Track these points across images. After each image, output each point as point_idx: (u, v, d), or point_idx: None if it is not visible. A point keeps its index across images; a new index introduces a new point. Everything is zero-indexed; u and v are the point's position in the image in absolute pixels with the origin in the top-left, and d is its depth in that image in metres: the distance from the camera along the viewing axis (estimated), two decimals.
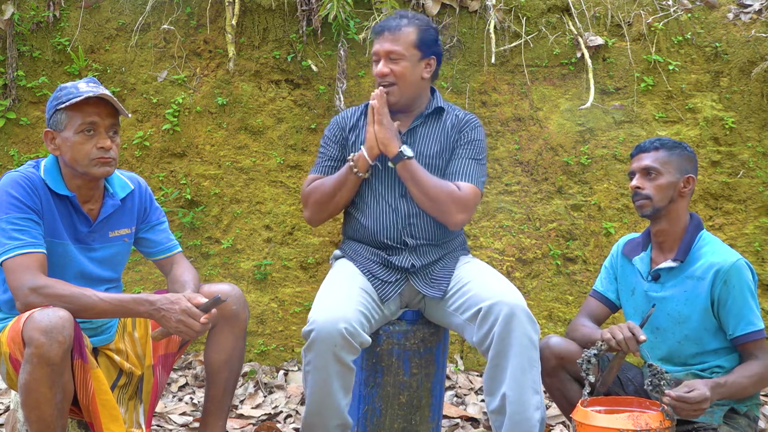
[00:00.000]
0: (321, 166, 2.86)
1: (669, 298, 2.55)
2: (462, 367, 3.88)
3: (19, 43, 4.01)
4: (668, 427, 2.23)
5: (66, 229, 2.41)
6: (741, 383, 2.43)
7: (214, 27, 3.98)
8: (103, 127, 2.36)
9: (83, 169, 2.37)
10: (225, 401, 2.61)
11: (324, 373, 2.48)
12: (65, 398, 2.22)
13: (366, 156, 2.69)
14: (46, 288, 2.24)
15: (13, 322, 2.24)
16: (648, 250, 2.64)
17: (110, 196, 2.51)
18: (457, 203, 2.69)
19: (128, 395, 2.54)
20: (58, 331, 2.12)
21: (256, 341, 3.93)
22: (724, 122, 3.86)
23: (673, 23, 3.92)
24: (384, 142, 2.66)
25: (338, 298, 2.59)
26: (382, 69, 2.71)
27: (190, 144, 3.98)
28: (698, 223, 2.60)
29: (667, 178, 2.54)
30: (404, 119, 2.81)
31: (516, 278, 3.89)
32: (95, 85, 2.38)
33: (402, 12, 2.82)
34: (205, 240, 3.97)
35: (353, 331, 2.47)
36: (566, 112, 3.93)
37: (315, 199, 2.79)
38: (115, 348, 2.55)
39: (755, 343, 2.47)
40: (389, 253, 2.75)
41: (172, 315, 2.30)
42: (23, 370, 2.15)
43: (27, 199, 2.32)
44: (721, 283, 2.46)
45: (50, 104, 2.39)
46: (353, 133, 2.85)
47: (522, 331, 2.49)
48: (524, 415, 2.50)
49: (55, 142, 2.38)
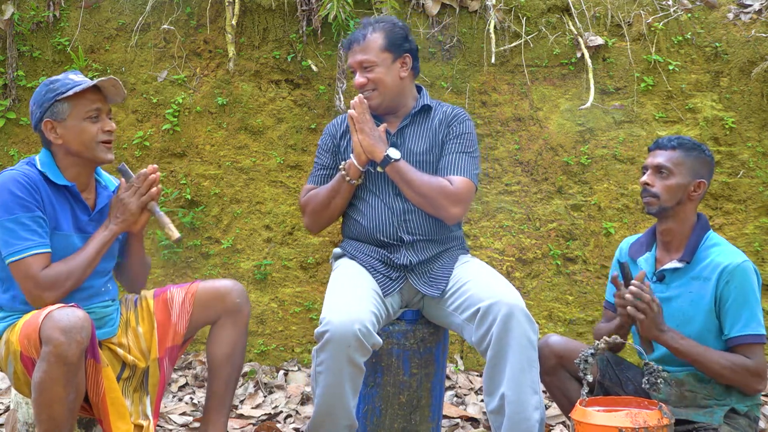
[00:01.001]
0: (315, 176, 2.93)
1: (674, 299, 2.53)
2: (462, 367, 3.88)
3: (19, 43, 4.01)
4: (666, 425, 2.23)
5: (68, 220, 2.46)
6: (709, 356, 2.40)
7: (214, 27, 3.98)
8: (104, 113, 2.48)
9: (90, 153, 2.45)
10: (227, 397, 2.63)
11: (337, 374, 2.48)
12: (77, 398, 2.24)
13: (355, 163, 2.74)
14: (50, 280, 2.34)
15: (28, 319, 2.26)
16: (653, 250, 2.62)
17: (103, 188, 2.59)
18: (450, 198, 2.70)
19: (133, 387, 2.57)
20: (77, 331, 2.16)
21: (256, 341, 3.93)
22: (724, 122, 3.85)
23: (673, 23, 3.92)
24: (369, 149, 2.71)
25: (350, 298, 2.59)
26: (359, 80, 2.79)
27: (190, 144, 3.98)
28: (705, 223, 2.56)
29: (678, 179, 2.51)
30: (393, 120, 2.85)
31: (516, 278, 3.89)
32: (82, 76, 2.50)
33: (366, 20, 2.87)
34: (205, 240, 3.97)
35: (367, 333, 2.48)
36: (566, 112, 3.93)
37: (312, 209, 2.85)
38: (118, 342, 2.57)
39: (750, 346, 2.42)
40: (388, 251, 2.76)
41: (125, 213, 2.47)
42: (38, 369, 2.17)
43: (30, 197, 2.37)
44: (724, 282, 2.44)
45: (45, 97, 2.45)
46: (344, 140, 2.89)
47: (520, 332, 2.49)
48: (523, 415, 2.50)
49: (57, 132, 2.44)
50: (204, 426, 2.64)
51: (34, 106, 2.47)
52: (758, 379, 2.42)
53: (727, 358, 2.42)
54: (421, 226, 2.77)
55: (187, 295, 2.63)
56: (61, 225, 2.43)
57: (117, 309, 2.60)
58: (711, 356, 2.42)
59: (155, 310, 2.63)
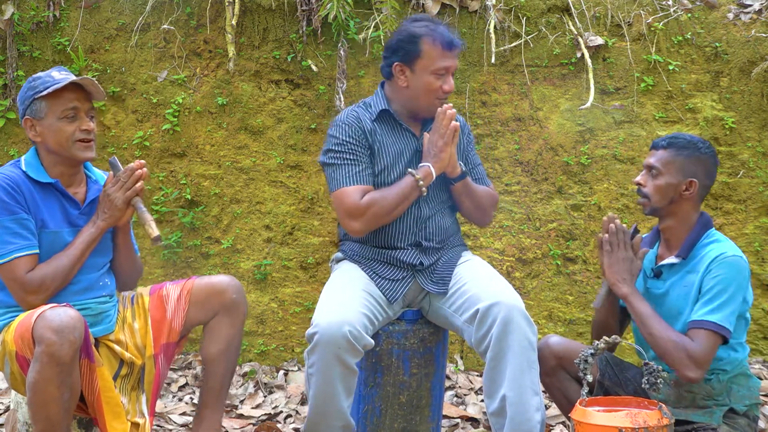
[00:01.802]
0: (359, 175, 2.68)
1: (668, 294, 2.53)
2: (462, 367, 3.88)
3: (19, 43, 4.01)
4: (666, 425, 2.23)
5: (57, 215, 2.47)
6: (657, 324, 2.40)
7: (214, 27, 3.98)
8: (83, 111, 2.46)
9: (67, 152, 2.45)
10: (222, 394, 2.62)
11: (327, 375, 2.48)
12: (72, 397, 2.24)
13: (434, 173, 2.67)
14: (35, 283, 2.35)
15: (22, 319, 2.26)
16: (655, 248, 2.63)
17: (93, 182, 2.59)
18: (495, 205, 2.91)
19: (130, 385, 2.56)
20: (69, 331, 2.15)
21: (256, 341, 3.93)
22: (724, 122, 3.85)
23: (673, 23, 3.92)
24: (454, 164, 2.70)
25: (342, 300, 2.58)
26: (452, 85, 2.72)
27: (190, 144, 3.98)
28: (707, 221, 2.54)
29: (667, 179, 2.49)
30: (413, 124, 2.80)
31: (516, 278, 3.89)
32: (66, 73, 2.48)
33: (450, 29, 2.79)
34: (205, 240, 3.97)
35: (357, 335, 2.47)
36: (566, 112, 3.93)
37: (374, 212, 2.65)
38: (115, 339, 2.56)
39: (704, 332, 2.35)
40: (397, 252, 2.75)
41: (111, 209, 2.47)
42: (32, 369, 2.17)
43: (12, 200, 2.37)
44: (707, 270, 2.41)
45: (26, 94, 2.47)
46: (373, 139, 2.74)
47: (520, 333, 2.48)
48: (525, 416, 2.50)
49: (36, 130, 2.45)
50: (198, 422, 2.63)
51: (18, 102, 2.50)
52: (693, 367, 2.35)
53: (675, 334, 2.39)
54: (437, 232, 2.78)
55: (182, 291, 2.61)
56: (48, 223, 2.44)
57: (115, 306, 2.60)
58: (658, 325, 2.40)
59: (150, 306, 2.62)
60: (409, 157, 2.76)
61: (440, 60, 2.66)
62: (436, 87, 2.68)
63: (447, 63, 2.67)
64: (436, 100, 2.70)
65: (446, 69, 2.68)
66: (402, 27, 2.76)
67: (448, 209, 2.83)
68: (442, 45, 2.67)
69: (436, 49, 2.66)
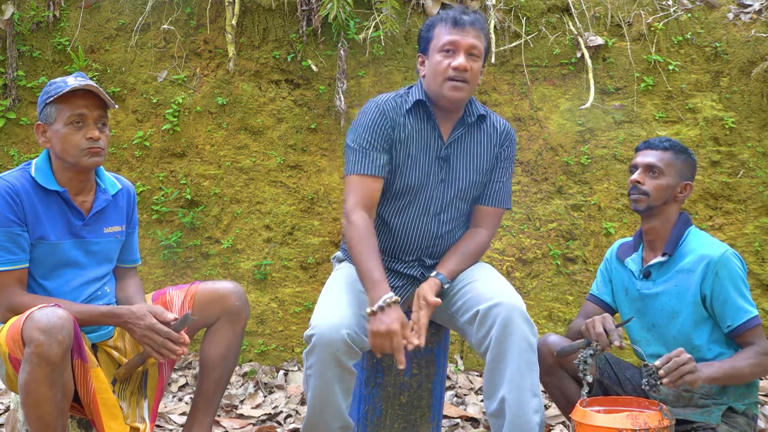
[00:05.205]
0: (372, 164, 2.55)
1: (661, 294, 2.56)
2: (462, 367, 3.88)
3: (19, 43, 4.01)
4: (667, 426, 2.23)
5: (59, 226, 2.44)
6: (736, 365, 2.43)
7: (214, 27, 3.98)
8: (92, 119, 2.42)
9: (73, 160, 2.41)
10: (215, 398, 2.62)
11: (326, 377, 2.47)
12: (65, 397, 2.23)
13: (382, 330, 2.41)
14: (22, 308, 2.29)
15: (13, 321, 2.25)
16: (639, 251, 2.67)
17: (102, 191, 2.55)
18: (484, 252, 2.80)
19: (129, 391, 2.56)
20: (57, 331, 2.14)
21: (256, 341, 3.93)
22: (724, 122, 3.86)
23: (673, 23, 3.92)
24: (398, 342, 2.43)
25: (340, 302, 2.57)
26: (464, 62, 2.51)
27: (190, 144, 3.98)
28: (687, 219, 2.63)
29: (668, 180, 2.57)
30: (445, 123, 2.68)
31: (516, 278, 3.89)
32: (83, 79, 2.44)
33: (471, 9, 2.67)
34: (205, 240, 3.97)
35: (355, 337, 2.47)
36: (566, 112, 3.93)
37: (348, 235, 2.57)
38: (114, 345, 2.56)
39: (751, 331, 2.48)
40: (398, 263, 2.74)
41: (137, 330, 2.38)
42: (23, 370, 2.16)
43: (8, 211, 2.35)
44: (712, 275, 2.47)
45: (42, 98, 2.45)
46: (398, 133, 2.61)
47: (520, 335, 2.48)
48: (524, 418, 2.49)
49: (46, 135, 2.43)
50: (189, 424, 2.63)
51: (38, 106, 2.47)
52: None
53: (746, 357, 2.46)
54: (443, 250, 2.74)
55: (186, 296, 2.62)
56: (48, 235, 2.41)
57: None
58: (736, 364, 2.45)
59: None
60: (430, 160, 2.67)
61: (445, 36, 2.55)
62: (444, 66, 2.54)
63: (452, 38, 2.54)
64: (448, 81, 2.54)
65: (452, 44, 2.54)
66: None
67: (462, 225, 2.80)
68: (447, 22, 2.57)
69: (443, 28, 2.57)
